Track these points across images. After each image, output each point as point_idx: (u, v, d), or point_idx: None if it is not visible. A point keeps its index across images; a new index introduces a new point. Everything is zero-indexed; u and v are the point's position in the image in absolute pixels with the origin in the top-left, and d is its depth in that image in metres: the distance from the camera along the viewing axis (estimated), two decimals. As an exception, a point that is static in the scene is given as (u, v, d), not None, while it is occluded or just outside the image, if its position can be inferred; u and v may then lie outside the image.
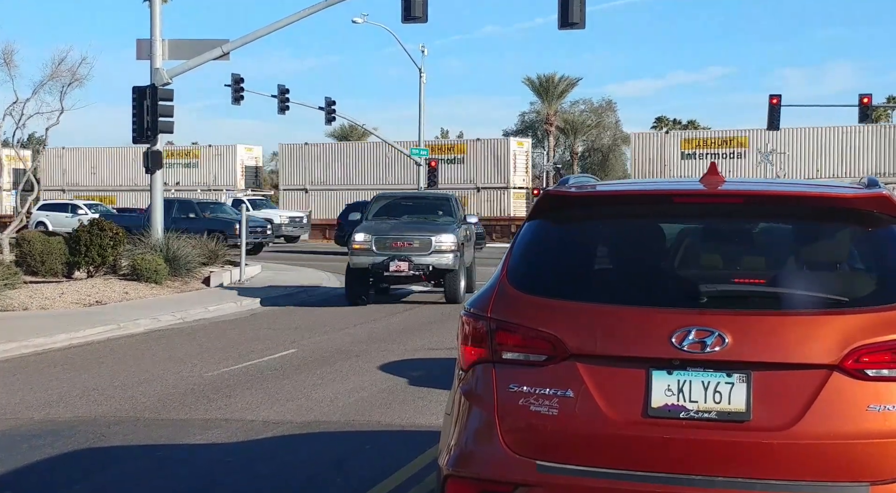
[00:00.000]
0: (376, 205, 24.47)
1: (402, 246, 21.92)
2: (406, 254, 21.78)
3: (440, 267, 22.06)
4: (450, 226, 22.86)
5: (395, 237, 22.14)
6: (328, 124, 56.44)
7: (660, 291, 4.95)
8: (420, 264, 21.82)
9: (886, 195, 4.96)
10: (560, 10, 26.25)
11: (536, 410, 4.70)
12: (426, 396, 11.43)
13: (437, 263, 21.96)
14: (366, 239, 22.04)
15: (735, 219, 5.26)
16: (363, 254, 21.92)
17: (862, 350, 4.48)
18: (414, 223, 23.04)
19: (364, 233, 22.28)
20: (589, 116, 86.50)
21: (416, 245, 21.89)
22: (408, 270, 21.75)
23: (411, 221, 23.17)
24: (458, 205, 24.63)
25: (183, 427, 10.01)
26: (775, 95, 46.22)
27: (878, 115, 70.04)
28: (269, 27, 28.14)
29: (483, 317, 4.96)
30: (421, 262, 21.82)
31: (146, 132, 26.17)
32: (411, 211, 23.96)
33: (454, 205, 24.28)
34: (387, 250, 21.85)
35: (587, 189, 5.51)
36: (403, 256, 21.75)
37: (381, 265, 21.80)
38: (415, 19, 27.00)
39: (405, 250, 21.83)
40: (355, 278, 22.28)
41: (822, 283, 4.92)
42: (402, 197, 26.06)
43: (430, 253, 21.83)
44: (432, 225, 22.87)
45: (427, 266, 21.90)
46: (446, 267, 22.10)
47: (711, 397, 4.55)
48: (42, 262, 23.23)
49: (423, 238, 22.06)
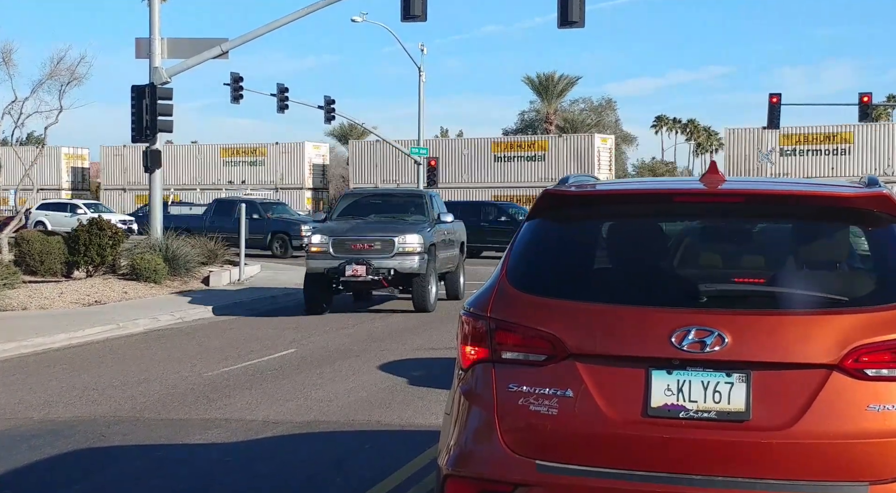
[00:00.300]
0: (342, 203, 22.69)
1: (361, 248, 20.02)
2: (365, 257, 19.87)
3: (404, 271, 20.00)
4: (418, 225, 20.80)
5: (354, 239, 20.22)
6: (327, 123, 56.57)
7: (660, 290, 4.94)
8: (381, 267, 19.84)
9: (886, 194, 4.95)
10: (559, 8, 26.24)
11: (536, 409, 4.70)
12: (426, 395, 11.43)
13: (400, 266, 19.91)
14: (322, 241, 20.16)
15: (735, 218, 5.25)
16: (320, 258, 20.05)
17: (861, 350, 4.48)
18: (377, 223, 21.13)
19: (321, 235, 20.44)
20: (589, 115, 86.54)
21: (378, 247, 19.98)
22: (366, 274, 19.81)
23: (375, 221, 21.27)
24: (434, 203, 22.29)
25: (182, 427, 10.01)
26: (775, 94, 46.28)
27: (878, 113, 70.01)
28: (268, 26, 28.12)
29: (482, 316, 4.95)
30: (382, 265, 19.85)
31: (145, 131, 26.16)
32: (380, 210, 22.00)
33: (429, 203, 21.98)
34: (345, 253, 19.95)
35: (587, 188, 5.50)
36: (362, 259, 19.82)
37: (337, 270, 19.83)
38: (414, 18, 26.98)
39: (365, 252, 19.94)
40: (312, 284, 20.31)
41: (822, 282, 4.92)
42: (370, 195, 24.11)
43: (392, 255, 19.86)
44: (398, 224, 20.87)
45: (388, 270, 19.88)
46: (411, 271, 20.02)
47: (711, 396, 4.54)
48: (41, 261, 23.22)
49: (385, 239, 20.09)
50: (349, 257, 19.84)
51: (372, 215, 21.60)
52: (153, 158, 26.70)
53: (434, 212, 21.73)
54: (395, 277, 20.08)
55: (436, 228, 21.15)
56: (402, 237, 20.04)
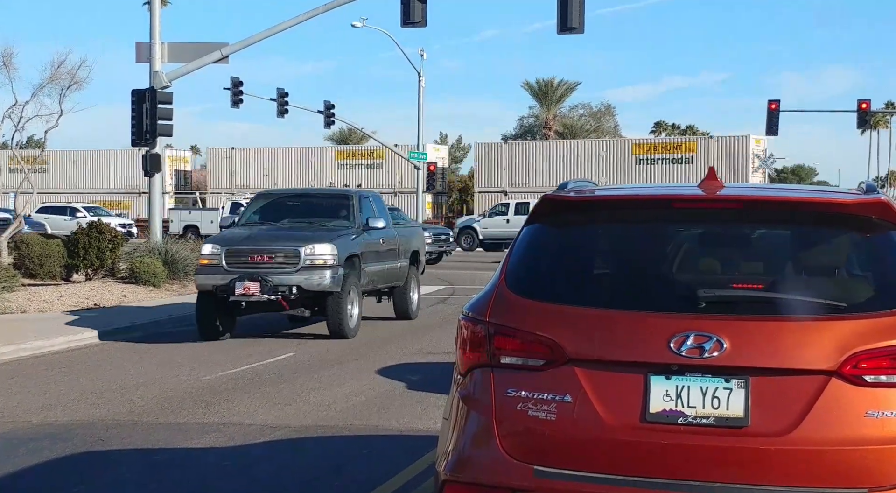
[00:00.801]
0: (253, 206, 19.21)
1: (259, 260, 16.36)
2: (262, 271, 16.23)
3: (311, 289, 16.34)
4: (336, 233, 17.29)
5: (251, 249, 16.56)
6: (327, 128, 56.61)
7: (658, 296, 4.94)
8: (281, 284, 16.15)
9: (885, 201, 4.96)
10: (559, 14, 26.27)
11: (534, 415, 4.69)
12: (424, 400, 11.42)
13: (306, 282, 16.24)
14: (213, 252, 16.57)
15: (734, 224, 5.25)
16: (209, 272, 16.50)
17: (860, 356, 4.48)
18: (285, 230, 17.58)
19: (213, 244, 16.89)
20: (588, 121, 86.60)
21: (280, 259, 16.41)
22: (260, 293, 16.08)
23: (285, 227, 17.80)
24: (363, 206, 18.49)
25: (181, 431, 10.00)
26: (774, 101, 46.34)
27: (877, 120, 70.06)
28: (268, 31, 28.15)
29: (481, 321, 4.95)
30: (282, 282, 16.17)
31: (145, 135, 26.17)
32: (297, 213, 18.52)
33: (355, 205, 18.25)
34: (240, 267, 16.36)
35: (586, 194, 5.51)
36: (257, 274, 16.17)
37: (227, 287, 16.13)
38: (414, 23, 27.00)
39: (262, 266, 16.33)
40: (205, 304, 16.66)
41: (821, 288, 4.93)
42: (287, 195, 20.27)
43: (297, 270, 16.27)
44: (310, 232, 17.31)
45: (289, 288, 16.20)
46: (321, 288, 16.37)
47: (710, 402, 4.54)
48: (40, 264, 23.22)
49: (289, 249, 16.47)
50: (244, 271, 16.28)
51: (286, 220, 18.21)
52: (153, 162, 26.71)
53: (362, 216, 18.12)
54: (300, 296, 16.47)
55: (363, 235, 17.79)
56: (310, 247, 16.42)
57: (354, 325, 17.12)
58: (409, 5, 26.74)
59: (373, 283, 18.34)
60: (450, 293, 26.11)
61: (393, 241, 19.24)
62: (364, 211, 18.33)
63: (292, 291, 16.24)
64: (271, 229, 17.67)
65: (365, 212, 18.34)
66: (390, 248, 19.07)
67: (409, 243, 20.29)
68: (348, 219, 18.03)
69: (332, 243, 16.62)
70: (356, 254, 17.28)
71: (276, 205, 19.01)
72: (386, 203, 21.03)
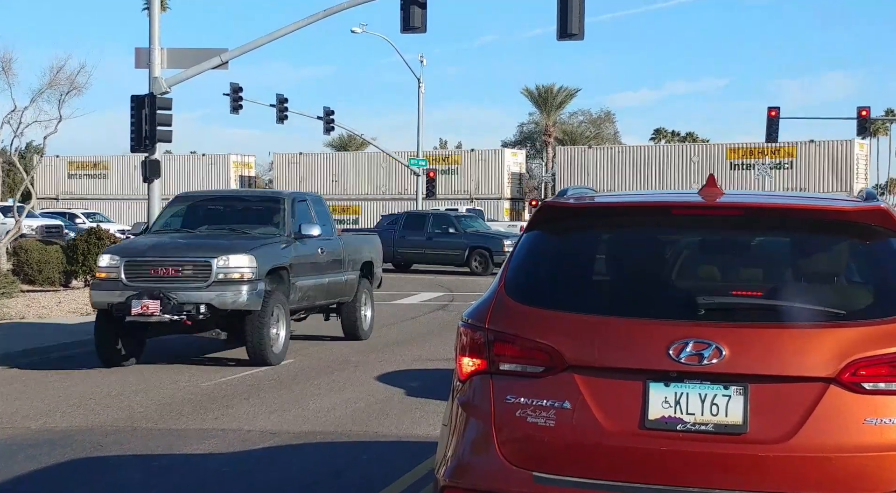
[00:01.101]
0: (169, 211, 16.76)
1: (163, 274, 14.03)
2: (166, 287, 13.88)
3: (224, 307, 14.01)
4: (260, 241, 15.00)
5: (154, 260, 14.24)
6: (326, 134, 56.62)
7: (658, 303, 4.95)
8: (187, 302, 13.85)
9: (885, 209, 4.97)
10: (559, 21, 26.27)
11: (533, 421, 4.70)
12: (423, 406, 11.42)
13: (219, 300, 13.92)
14: (112, 264, 14.30)
15: (733, 231, 5.26)
16: (107, 287, 14.19)
17: (859, 363, 4.48)
18: (197, 238, 15.22)
19: (112, 254, 14.60)
20: (587, 127, 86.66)
21: (188, 272, 14.05)
22: (161, 312, 13.80)
23: (198, 235, 15.45)
24: (297, 210, 16.09)
25: (180, 437, 10.00)
26: (774, 108, 46.37)
27: (877, 127, 70.15)
28: (267, 37, 28.17)
29: (481, 328, 4.95)
30: (189, 299, 13.87)
31: (144, 141, 26.15)
32: (220, 219, 16.22)
33: (287, 210, 15.84)
34: (140, 281, 14.05)
35: (585, 201, 5.52)
36: (158, 290, 13.88)
37: (123, 306, 13.88)
38: (414, 29, 27.00)
39: (166, 280, 13.97)
40: (102, 325, 14.42)
41: (820, 296, 4.93)
42: (209, 199, 17.69)
43: (208, 285, 13.94)
44: (226, 240, 14.98)
45: (196, 306, 13.89)
46: (236, 307, 14.06)
47: (708, 409, 4.55)
48: (39, 271, 23.25)
49: (199, 260, 14.10)
50: (144, 286, 13.98)
51: (204, 227, 15.90)
52: (152, 168, 26.68)
53: (294, 223, 15.72)
54: (212, 315, 14.15)
55: (295, 245, 15.48)
56: (224, 258, 14.07)
57: (280, 349, 14.77)
58: (408, 11, 26.75)
59: (308, 299, 16.03)
60: (449, 300, 26.12)
61: (336, 251, 16.91)
62: (298, 216, 15.96)
63: (200, 310, 13.93)
64: (183, 238, 15.30)
65: (299, 217, 15.95)
66: (333, 259, 16.70)
67: (360, 253, 17.90)
68: (278, 225, 15.69)
69: (250, 254, 14.31)
70: (283, 266, 15.07)
71: (196, 209, 16.59)
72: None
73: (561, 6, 25.88)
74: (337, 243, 17.06)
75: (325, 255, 16.39)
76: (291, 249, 15.38)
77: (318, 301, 16.55)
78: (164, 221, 16.40)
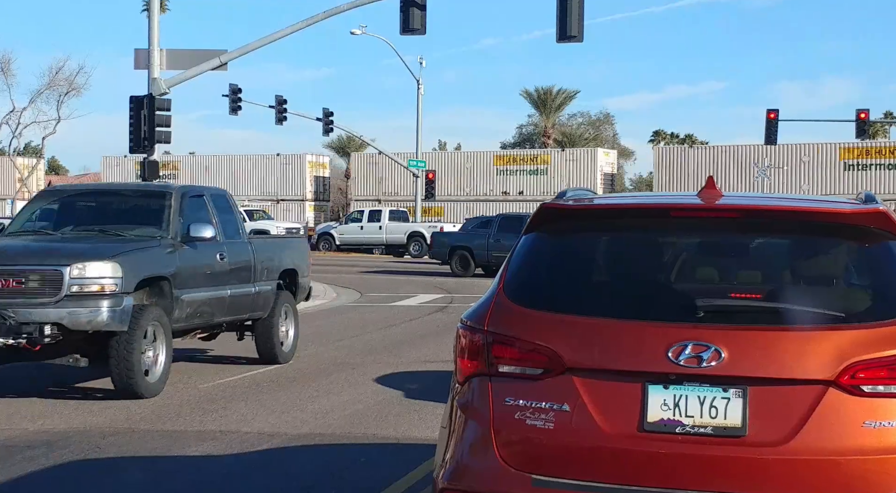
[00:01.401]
0: (30, 208, 14.14)
1: (2, 286, 11.43)
2: (3, 302, 11.32)
3: (79, 328, 11.46)
4: (133, 245, 12.47)
5: None
6: (326, 135, 56.69)
7: (657, 305, 4.95)
8: (29, 322, 11.28)
9: (884, 211, 4.97)
10: (558, 23, 26.31)
11: (532, 423, 4.70)
12: (422, 409, 11.41)
13: (71, 319, 11.36)
14: None
15: (732, 233, 5.26)
16: None
17: (858, 366, 4.48)
18: (51, 242, 12.72)
19: None
20: (587, 129, 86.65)
21: (33, 284, 11.46)
22: None
23: (54, 239, 12.94)
24: (189, 207, 13.40)
25: (178, 439, 9.99)
26: (772, 110, 46.43)
27: (875, 130, 70.17)
28: (267, 38, 28.20)
29: (479, 330, 4.95)
30: (31, 318, 11.28)
31: (143, 142, 26.20)
32: (90, 219, 13.62)
33: (173, 208, 13.14)
34: None
35: (584, 202, 5.52)
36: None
37: None
38: (413, 31, 27.03)
39: (6, 294, 11.38)
40: None
41: (819, 298, 4.93)
42: (79, 194, 14.77)
43: (58, 300, 11.36)
44: (88, 243, 12.44)
45: (39, 327, 11.30)
46: (95, 328, 11.54)
47: (707, 411, 4.54)
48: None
49: (47, 269, 11.51)
50: None
51: (69, 228, 13.33)
52: (150, 169, 26.72)
53: (182, 223, 13.06)
54: (65, 338, 11.61)
55: (182, 249, 12.88)
56: (79, 266, 11.47)
57: (157, 377, 12.20)
58: (408, 13, 26.78)
59: (202, 316, 13.35)
60: (448, 302, 26.12)
61: (243, 257, 14.25)
62: (188, 215, 13.24)
63: (45, 331, 11.31)
64: (36, 241, 12.81)
65: (188, 217, 13.20)
66: (238, 267, 14.03)
67: (277, 260, 15.21)
68: (160, 226, 13.03)
69: (112, 261, 11.65)
70: (164, 276, 12.46)
71: (63, 207, 13.96)
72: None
73: (560, 9, 25.92)
74: (245, 248, 14.40)
75: (227, 262, 13.76)
76: (176, 255, 12.74)
77: (218, 318, 13.85)
78: (23, 222, 13.66)
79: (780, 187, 54.50)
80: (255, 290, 14.45)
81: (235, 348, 15.58)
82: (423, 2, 26.53)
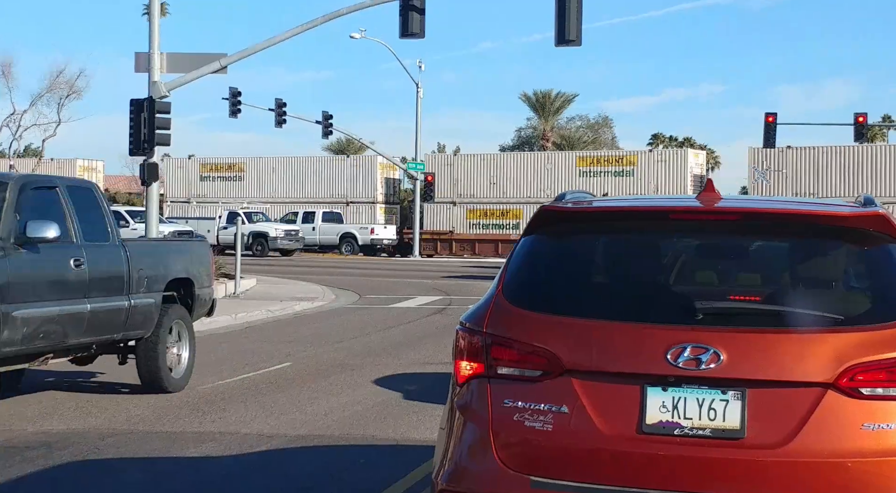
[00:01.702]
0: None
1: None
2: None
3: None
4: None
5: None
6: (325, 138, 56.73)
7: (656, 307, 4.95)
8: None
9: (883, 214, 4.98)
10: (557, 27, 26.31)
11: (531, 425, 4.70)
12: (421, 410, 11.42)
13: None
14: None
15: (731, 236, 5.27)
16: None
17: (857, 369, 4.49)
18: None
19: None
20: (585, 133, 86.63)
21: None
22: None
23: None
24: (27, 202, 10.79)
25: (177, 440, 9.99)
26: (771, 113, 46.41)
27: (874, 133, 70.19)
28: (267, 41, 28.21)
29: (478, 332, 4.96)
30: None
31: (143, 145, 26.16)
32: None
33: (11, 201, 10.58)
34: None
35: (583, 205, 5.53)
36: None
37: None
38: (412, 35, 27.03)
39: None
40: None
41: (818, 301, 4.93)
42: None
43: None
44: None
45: None
46: None
47: (706, 414, 4.55)
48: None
49: None
50: None
51: None
52: (150, 172, 26.69)
53: (18, 221, 10.59)
54: None
55: (18, 253, 10.50)
56: None
57: None
58: (407, 17, 26.78)
59: (49, 337, 10.89)
60: (446, 304, 26.13)
61: (113, 263, 11.85)
62: (26, 212, 10.71)
63: None
64: None
65: (26, 212, 10.70)
66: (103, 275, 11.60)
67: (163, 268, 12.78)
68: None
69: None
70: None
71: None
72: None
73: (559, 12, 25.93)
74: (115, 253, 11.90)
75: (86, 269, 11.26)
76: (6, 260, 10.31)
77: (75, 339, 11.39)
78: None
79: (881, 192, 50.94)
80: (129, 304, 11.96)
81: (119, 374, 13.34)
82: (422, 5, 26.54)
